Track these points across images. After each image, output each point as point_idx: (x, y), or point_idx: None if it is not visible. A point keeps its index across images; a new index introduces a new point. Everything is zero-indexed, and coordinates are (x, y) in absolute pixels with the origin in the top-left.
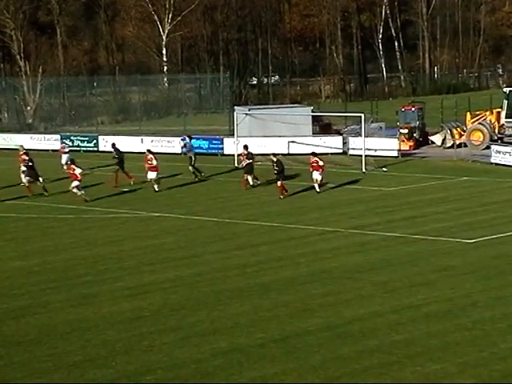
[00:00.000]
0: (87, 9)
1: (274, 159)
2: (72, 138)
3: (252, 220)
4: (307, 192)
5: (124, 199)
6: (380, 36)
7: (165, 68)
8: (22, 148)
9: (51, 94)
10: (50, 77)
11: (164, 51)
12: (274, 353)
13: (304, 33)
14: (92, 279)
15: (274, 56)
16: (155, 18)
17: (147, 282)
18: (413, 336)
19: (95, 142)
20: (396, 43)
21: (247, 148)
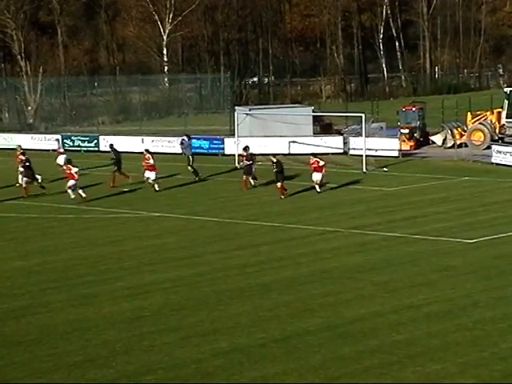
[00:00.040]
0: (88, 9)
1: (274, 160)
2: (73, 138)
3: (253, 220)
4: (308, 192)
5: (124, 199)
6: (381, 36)
7: (165, 68)
8: (20, 148)
9: (52, 94)
10: (51, 77)
11: (165, 51)
12: (275, 353)
13: (305, 33)
14: (92, 279)
15: (275, 56)
16: (156, 18)
17: (148, 282)
18: (413, 336)
19: (96, 142)
20: (397, 43)
21: (246, 149)
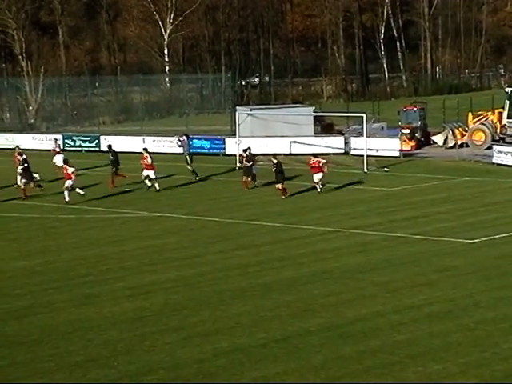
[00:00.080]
0: (89, 9)
1: (275, 161)
2: (74, 138)
3: (254, 220)
4: (309, 192)
5: (126, 199)
6: (382, 36)
7: (167, 68)
8: (18, 149)
9: (53, 94)
10: (52, 77)
11: (166, 51)
12: (276, 353)
13: (306, 33)
14: (94, 279)
15: (276, 56)
16: (157, 18)
17: (149, 282)
18: (415, 336)
19: (97, 142)
20: (398, 43)
21: (246, 151)
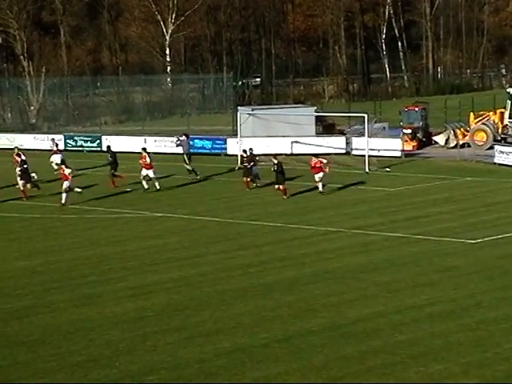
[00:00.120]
0: (91, 9)
1: (275, 161)
2: (75, 138)
3: (255, 220)
4: (310, 192)
5: (127, 199)
6: (383, 36)
7: (168, 68)
8: (17, 149)
9: (55, 94)
10: (54, 77)
11: (167, 51)
12: (277, 353)
13: (307, 33)
14: (95, 279)
15: (278, 56)
16: (158, 18)
17: (150, 282)
18: (416, 336)
19: (98, 142)
20: (399, 43)
21: (246, 152)
